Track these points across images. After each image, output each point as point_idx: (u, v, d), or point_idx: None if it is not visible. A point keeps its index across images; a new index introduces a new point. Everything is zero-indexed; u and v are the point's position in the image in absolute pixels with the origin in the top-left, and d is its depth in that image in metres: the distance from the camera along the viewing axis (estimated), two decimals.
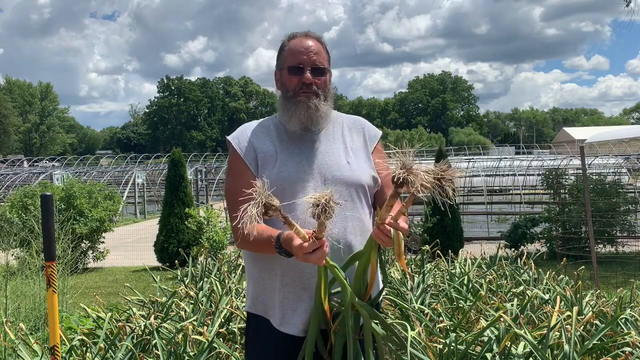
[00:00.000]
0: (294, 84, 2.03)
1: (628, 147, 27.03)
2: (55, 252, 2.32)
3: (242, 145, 2.06)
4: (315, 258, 1.72)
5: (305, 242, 1.72)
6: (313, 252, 1.71)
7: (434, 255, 5.45)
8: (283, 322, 1.98)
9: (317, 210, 1.67)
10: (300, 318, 1.95)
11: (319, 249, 1.72)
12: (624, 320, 3.17)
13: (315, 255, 1.72)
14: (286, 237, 1.80)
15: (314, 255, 1.72)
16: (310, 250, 1.71)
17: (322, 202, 1.66)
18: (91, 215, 9.12)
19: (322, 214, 1.66)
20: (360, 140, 2.14)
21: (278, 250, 1.83)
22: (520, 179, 17.80)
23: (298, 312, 1.96)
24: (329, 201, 1.67)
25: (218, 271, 5.03)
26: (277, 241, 1.83)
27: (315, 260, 1.73)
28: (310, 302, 1.94)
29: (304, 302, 1.95)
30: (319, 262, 1.74)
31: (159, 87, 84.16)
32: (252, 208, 1.67)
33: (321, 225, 1.70)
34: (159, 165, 31.65)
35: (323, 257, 1.74)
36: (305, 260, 1.74)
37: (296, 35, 2.09)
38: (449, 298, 4.05)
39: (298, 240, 1.74)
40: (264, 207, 1.70)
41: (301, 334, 1.95)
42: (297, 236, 1.74)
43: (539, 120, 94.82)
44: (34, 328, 4.82)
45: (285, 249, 1.81)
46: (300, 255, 1.73)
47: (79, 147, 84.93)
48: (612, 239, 9.35)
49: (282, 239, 1.81)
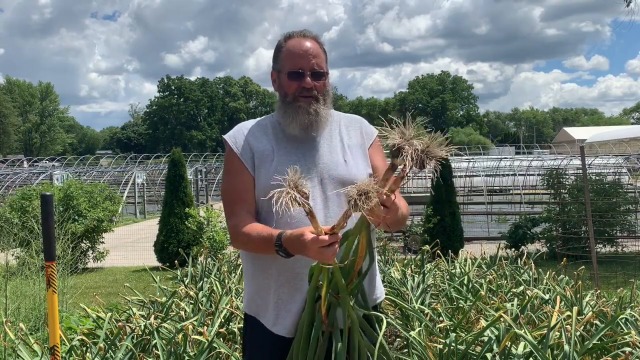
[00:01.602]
0: (293, 88, 2.01)
1: (628, 147, 27.03)
2: (55, 252, 2.32)
3: (239, 144, 2.05)
4: (330, 253, 1.68)
5: (321, 236, 1.68)
6: (329, 247, 1.68)
7: (434, 255, 5.45)
8: (277, 323, 1.97)
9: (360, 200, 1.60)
10: (292, 319, 1.94)
11: (334, 244, 1.68)
12: (624, 320, 3.17)
13: (331, 250, 1.68)
14: (291, 234, 1.77)
15: (329, 250, 1.68)
16: (328, 243, 1.67)
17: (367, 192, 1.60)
18: (89, 215, 9.12)
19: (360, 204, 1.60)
20: (357, 137, 2.13)
21: (277, 249, 1.80)
22: (520, 179, 17.80)
23: (291, 313, 1.94)
24: (366, 194, 1.61)
25: (218, 271, 5.03)
26: (278, 239, 1.80)
27: (328, 255, 1.69)
28: (303, 304, 1.92)
29: (297, 304, 1.94)
30: (330, 258, 1.70)
31: (159, 87, 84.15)
32: (286, 197, 1.61)
33: (346, 219, 1.65)
34: (159, 165, 31.63)
35: (335, 254, 1.70)
36: (317, 256, 1.70)
37: (293, 36, 2.06)
38: (449, 298, 4.05)
39: (311, 234, 1.70)
40: (295, 195, 1.64)
41: (292, 335, 1.93)
42: (307, 231, 1.71)
43: (539, 120, 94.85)
44: (34, 328, 4.82)
45: (285, 247, 1.78)
46: (315, 249, 1.69)
47: (79, 147, 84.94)
48: (612, 239, 9.35)
49: (284, 237, 1.78)
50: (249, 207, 1.99)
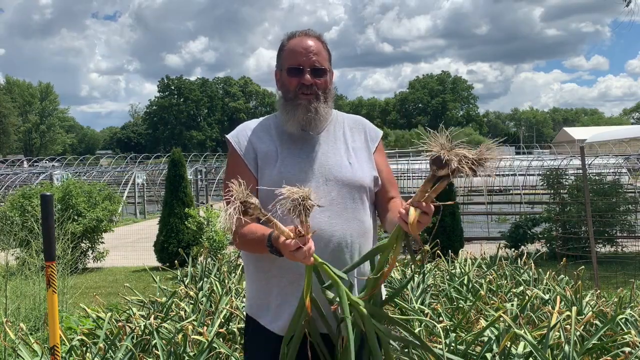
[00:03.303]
0: (293, 85, 2.01)
1: (628, 147, 27.03)
2: (55, 252, 2.33)
3: (242, 144, 2.04)
4: (301, 255, 1.66)
5: (288, 240, 1.67)
6: (297, 250, 1.66)
7: (434, 255, 5.45)
8: (276, 320, 1.97)
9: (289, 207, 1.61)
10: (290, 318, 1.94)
11: (302, 247, 1.65)
12: (624, 320, 3.17)
13: (300, 252, 1.66)
14: (276, 235, 1.76)
15: (299, 253, 1.66)
16: (293, 248, 1.65)
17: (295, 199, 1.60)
18: (89, 215, 9.12)
19: (293, 211, 1.60)
20: (362, 140, 2.13)
21: (270, 249, 1.80)
22: (520, 179, 17.81)
23: (290, 312, 1.94)
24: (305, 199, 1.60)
25: (218, 271, 5.03)
26: (268, 240, 1.80)
27: (301, 258, 1.67)
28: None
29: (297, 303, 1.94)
30: (305, 260, 1.68)
31: (159, 87, 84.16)
32: (229, 208, 1.63)
33: (301, 223, 1.64)
34: (159, 165, 31.63)
35: (309, 256, 1.67)
36: (292, 259, 1.69)
37: (296, 35, 2.06)
38: (449, 298, 4.05)
39: (282, 237, 1.69)
40: (243, 206, 1.65)
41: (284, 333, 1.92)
42: (282, 234, 1.70)
43: (539, 120, 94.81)
44: (34, 328, 4.82)
45: (276, 247, 1.78)
46: (287, 252, 1.69)
47: (79, 147, 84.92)
48: (612, 239, 9.35)
49: (272, 237, 1.78)
50: None
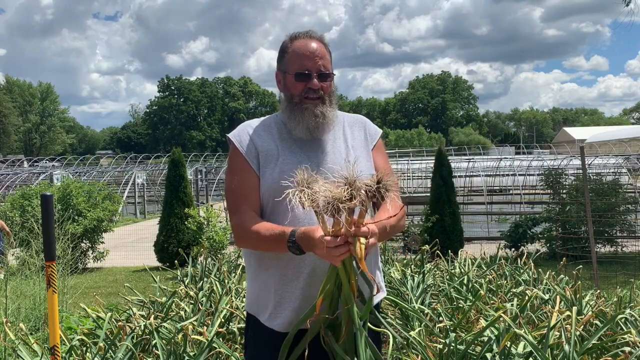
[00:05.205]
0: (299, 89, 2.01)
1: (628, 147, 27.05)
2: (55, 252, 2.32)
3: (244, 143, 2.05)
4: (336, 254, 1.69)
5: (328, 237, 1.69)
6: (336, 248, 1.68)
7: (433, 255, 5.45)
8: (274, 318, 1.98)
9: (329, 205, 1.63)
10: (290, 315, 1.95)
11: (342, 246, 1.68)
12: (624, 320, 3.17)
13: (337, 251, 1.68)
14: (304, 231, 1.77)
15: (336, 251, 1.68)
16: (335, 245, 1.68)
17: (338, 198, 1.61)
18: (89, 215, 9.12)
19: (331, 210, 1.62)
20: (361, 137, 2.14)
21: (290, 245, 1.80)
22: (520, 179, 17.82)
23: (289, 310, 1.95)
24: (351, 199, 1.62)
25: (218, 271, 5.03)
26: (292, 235, 1.80)
27: (334, 256, 1.70)
28: (301, 302, 1.93)
29: (297, 301, 1.95)
30: (336, 260, 1.71)
31: (159, 87, 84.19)
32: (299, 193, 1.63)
33: (338, 222, 1.66)
34: (159, 165, 31.65)
35: (342, 257, 1.70)
36: (324, 255, 1.71)
37: (299, 36, 2.05)
38: (449, 298, 4.06)
39: (319, 234, 1.71)
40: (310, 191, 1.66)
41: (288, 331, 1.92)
42: (318, 229, 1.72)
43: (539, 120, 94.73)
44: (34, 328, 4.82)
45: (299, 244, 1.79)
46: (323, 248, 1.69)
47: (79, 147, 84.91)
48: (612, 239, 9.35)
49: (297, 234, 1.79)
50: (254, 206, 1.99)
